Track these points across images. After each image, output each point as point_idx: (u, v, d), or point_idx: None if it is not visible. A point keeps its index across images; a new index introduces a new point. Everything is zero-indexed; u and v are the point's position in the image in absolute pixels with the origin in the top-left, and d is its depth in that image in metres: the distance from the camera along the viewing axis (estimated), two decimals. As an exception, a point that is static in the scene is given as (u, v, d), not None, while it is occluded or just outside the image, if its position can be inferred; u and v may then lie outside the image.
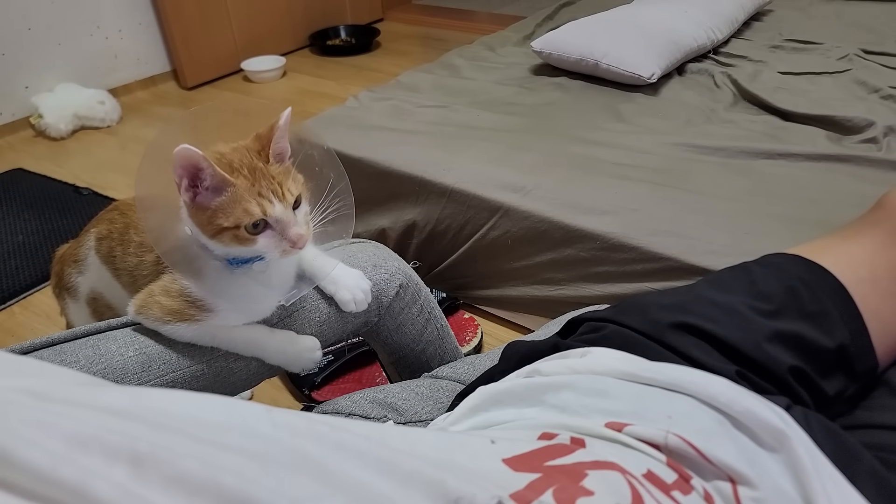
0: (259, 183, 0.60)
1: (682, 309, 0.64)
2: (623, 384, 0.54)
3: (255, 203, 0.59)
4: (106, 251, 0.78)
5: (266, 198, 0.60)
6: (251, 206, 0.59)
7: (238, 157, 0.62)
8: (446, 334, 0.95)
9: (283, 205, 0.60)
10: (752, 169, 1.26)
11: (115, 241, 0.76)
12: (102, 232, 0.79)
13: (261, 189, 0.60)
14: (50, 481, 0.23)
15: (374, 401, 0.73)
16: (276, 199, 0.60)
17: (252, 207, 0.59)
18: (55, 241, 1.79)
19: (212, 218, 0.60)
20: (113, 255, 0.77)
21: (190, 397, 0.31)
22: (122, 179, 2.14)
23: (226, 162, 0.61)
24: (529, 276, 1.27)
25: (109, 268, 0.79)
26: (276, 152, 0.63)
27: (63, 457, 0.23)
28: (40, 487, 0.22)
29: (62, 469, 0.23)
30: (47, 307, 1.57)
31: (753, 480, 0.45)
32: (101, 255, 0.79)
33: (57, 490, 0.22)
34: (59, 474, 0.23)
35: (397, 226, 1.41)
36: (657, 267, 1.08)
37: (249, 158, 0.62)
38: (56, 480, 0.23)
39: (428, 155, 1.36)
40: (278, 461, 0.29)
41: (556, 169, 1.28)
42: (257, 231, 0.61)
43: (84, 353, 0.70)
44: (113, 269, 0.78)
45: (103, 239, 0.79)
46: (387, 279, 0.85)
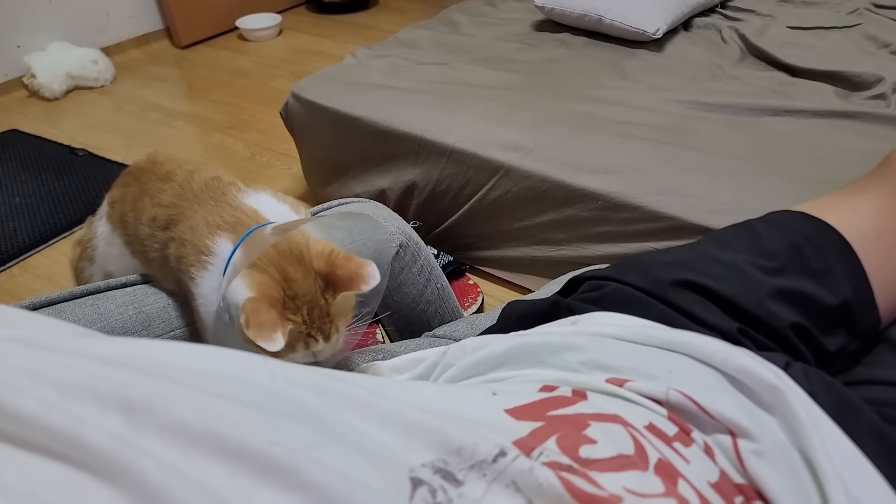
0: (313, 324, 0.57)
1: (684, 266, 0.63)
2: (622, 344, 0.54)
3: (302, 343, 0.57)
4: (118, 217, 0.75)
5: (314, 338, 0.57)
6: (297, 344, 0.57)
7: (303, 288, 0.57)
8: (447, 294, 0.95)
9: (328, 343, 0.58)
10: (758, 126, 1.24)
11: (127, 205, 0.73)
12: (116, 196, 0.76)
13: (311, 330, 0.57)
14: (40, 428, 0.22)
15: (372, 360, 0.73)
16: (323, 339, 0.58)
17: (298, 346, 0.57)
18: (52, 202, 1.78)
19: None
20: (125, 221, 0.74)
21: (186, 348, 0.30)
22: (117, 140, 2.11)
23: (290, 295, 0.57)
24: (530, 237, 1.26)
25: (121, 234, 0.76)
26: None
27: (53, 404, 0.23)
28: (30, 434, 0.22)
29: (52, 416, 0.22)
30: (47, 269, 1.57)
31: (753, 433, 0.45)
32: (114, 220, 0.76)
33: (47, 437, 0.22)
34: (49, 421, 0.22)
35: (397, 186, 1.39)
36: (660, 227, 1.07)
37: (314, 290, 0.57)
38: (46, 427, 0.22)
39: (427, 114, 1.33)
40: (276, 411, 0.29)
41: (558, 127, 1.26)
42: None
43: (83, 311, 0.70)
44: (125, 235, 0.75)
45: (116, 202, 0.75)
46: (386, 239, 0.84)
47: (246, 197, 0.66)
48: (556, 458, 0.36)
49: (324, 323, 0.57)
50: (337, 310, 0.58)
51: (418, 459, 0.30)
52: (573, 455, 0.37)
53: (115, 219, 0.76)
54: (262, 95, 2.40)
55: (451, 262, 1.34)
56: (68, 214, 1.73)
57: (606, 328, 0.56)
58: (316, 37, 2.97)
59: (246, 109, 2.31)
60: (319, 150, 1.51)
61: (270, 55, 2.80)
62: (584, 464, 0.37)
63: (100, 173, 1.91)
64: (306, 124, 1.49)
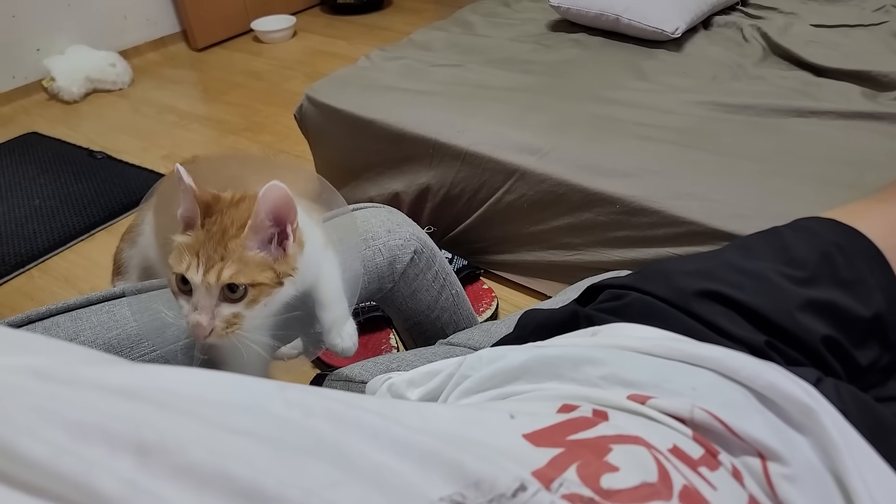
0: (207, 244, 0.55)
1: (708, 275, 0.61)
2: (643, 357, 0.52)
3: (187, 257, 0.55)
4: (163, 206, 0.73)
5: (199, 260, 0.54)
6: (183, 257, 0.55)
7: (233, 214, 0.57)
8: (461, 300, 0.94)
9: (203, 280, 0.54)
10: (782, 128, 1.21)
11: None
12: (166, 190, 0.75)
13: (201, 250, 0.55)
14: (51, 474, 0.21)
15: (387, 369, 0.72)
16: (202, 271, 0.54)
17: (183, 259, 0.55)
18: (71, 205, 1.79)
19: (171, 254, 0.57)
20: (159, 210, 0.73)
21: (201, 376, 0.29)
22: (135, 143, 2.13)
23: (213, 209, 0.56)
24: (546, 241, 1.24)
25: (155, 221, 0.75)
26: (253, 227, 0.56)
27: (65, 448, 0.22)
28: (42, 481, 0.21)
29: (64, 462, 0.22)
30: (66, 271, 1.58)
31: (784, 456, 0.43)
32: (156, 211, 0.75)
33: (59, 483, 0.21)
34: (61, 467, 0.21)
35: (411, 190, 1.38)
36: (680, 231, 1.05)
37: (231, 219, 0.56)
38: (58, 474, 0.21)
39: (442, 116, 1.32)
40: (292, 445, 0.27)
41: (575, 130, 1.24)
42: (185, 289, 0.56)
43: (99, 318, 0.70)
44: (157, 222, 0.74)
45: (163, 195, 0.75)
46: (401, 245, 0.83)
47: None
48: (577, 489, 0.34)
49: (214, 252, 0.54)
50: (234, 251, 0.54)
51: (436, 493, 0.29)
52: (594, 486, 0.35)
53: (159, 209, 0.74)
54: (277, 97, 2.40)
55: (465, 267, 1.33)
56: (87, 217, 1.74)
57: (627, 341, 0.54)
58: (330, 38, 2.97)
59: (260, 111, 2.31)
60: (333, 152, 1.51)
61: (285, 57, 2.80)
62: (605, 495, 0.35)
63: (117, 176, 1.92)
64: (320, 127, 1.48)
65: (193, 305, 0.55)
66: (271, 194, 0.54)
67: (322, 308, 0.69)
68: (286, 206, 0.56)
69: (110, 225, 1.70)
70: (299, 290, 0.65)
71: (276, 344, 0.72)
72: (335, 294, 0.70)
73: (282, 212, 0.56)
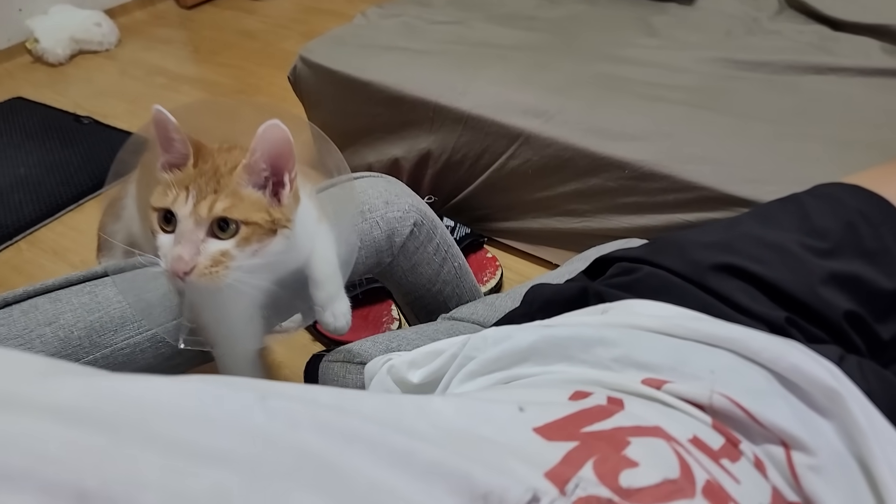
0: (199, 179, 0.51)
1: (726, 248, 0.58)
2: (658, 337, 0.49)
3: (174, 191, 0.50)
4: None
5: (189, 193, 0.50)
6: (170, 191, 0.51)
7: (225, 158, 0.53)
8: (464, 273, 0.90)
9: (192, 211, 0.50)
10: (799, 86, 1.15)
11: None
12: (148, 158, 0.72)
13: (191, 183, 0.51)
14: None
15: (387, 349, 0.69)
16: (192, 201, 0.50)
17: (169, 193, 0.51)
18: (58, 173, 1.74)
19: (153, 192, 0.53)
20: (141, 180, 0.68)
21: (167, 386, 0.25)
22: (123, 106, 2.06)
23: (208, 154, 0.53)
24: (552, 208, 1.20)
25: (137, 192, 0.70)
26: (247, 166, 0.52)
27: None
28: None
29: None
30: (54, 243, 1.53)
31: (809, 445, 0.40)
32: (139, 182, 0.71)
33: None
34: None
35: (411, 155, 1.33)
36: (691, 197, 1.00)
37: (224, 160, 0.52)
38: None
39: (442, 78, 1.26)
40: (272, 468, 0.24)
41: (582, 91, 1.18)
42: (167, 228, 0.52)
43: (80, 300, 0.66)
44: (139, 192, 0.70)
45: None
46: (400, 217, 0.78)
47: None
48: (594, 489, 0.31)
49: (206, 185, 0.50)
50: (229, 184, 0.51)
51: None
52: (613, 484, 0.32)
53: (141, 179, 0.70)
54: (271, 58, 2.31)
55: (468, 235, 1.28)
56: (74, 186, 1.69)
57: (641, 319, 0.51)
58: (325, -6, 2.86)
59: (254, 73, 2.23)
60: (330, 116, 1.45)
61: (279, 15, 2.70)
62: (625, 495, 0.32)
63: (105, 141, 1.86)
64: (316, 89, 1.42)
65: (176, 240, 0.51)
66: (270, 134, 0.50)
67: (315, 285, 0.66)
68: (286, 150, 0.51)
69: (99, 194, 1.65)
70: (290, 267, 0.61)
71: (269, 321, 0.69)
72: (329, 271, 0.67)
73: (280, 157, 0.52)
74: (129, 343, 0.66)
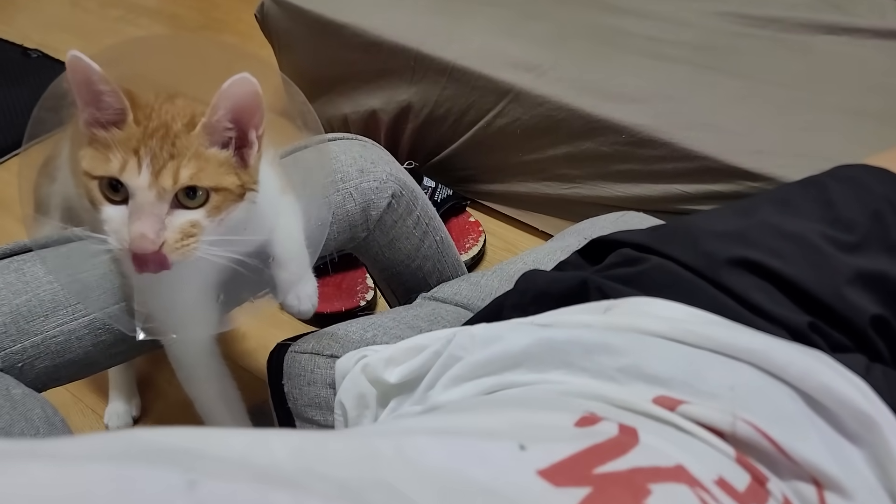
0: (149, 140, 0.43)
1: (743, 239, 0.53)
2: (669, 345, 0.43)
3: (121, 156, 0.43)
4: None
5: (139, 159, 0.43)
6: (114, 156, 0.43)
7: (168, 109, 0.45)
8: (446, 247, 0.83)
9: (152, 182, 0.43)
10: (811, 47, 1.07)
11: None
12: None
13: (141, 146, 0.43)
14: None
15: (361, 340, 0.62)
16: (149, 170, 0.43)
17: (113, 158, 0.43)
18: (2, 113, 1.59)
19: (83, 155, 0.45)
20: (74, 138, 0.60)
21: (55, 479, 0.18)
22: (74, 41, 1.88)
23: (147, 106, 0.45)
24: (541, 171, 1.12)
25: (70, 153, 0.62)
26: (208, 125, 0.45)
27: None
28: None
29: None
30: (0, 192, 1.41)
31: (845, 486, 0.36)
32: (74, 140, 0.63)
33: None
34: None
35: (390, 108, 1.23)
36: (692, 167, 0.93)
37: (171, 115, 0.45)
38: None
39: (425, 23, 1.14)
40: None
41: (578, 44, 1.09)
42: (115, 198, 0.44)
43: (5, 279, 0.58)
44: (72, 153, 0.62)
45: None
46: (376, 187, 0.70)
47: None
48: None
49: (160, 149, 0.43)
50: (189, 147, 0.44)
51: None
52: None
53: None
54: (239, -10, 2.13)
55: (450, 197, 1.20)
56: (20, 128, 1.52)
57: (649, 322, 0.46)
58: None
59: (220, 6, 2.05)
60: (301, 61, 1.33)
61: (246, -57, 2.48)
62: None
63: (54, 79, 1.70)
64: (286, 30, 1.29)
65: (132, 214, 0.43)
66: (238, 89, 0.44)
67: (278, 265, 0.58)
68: (253, 105, 0.45)
69: (46, 138, 1.51)
70: (249, 245, 0.53)
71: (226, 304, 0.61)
72: (294, 249, 0.59)
73: (247, 112, 0.45)
74: (63, 330, 0.58)
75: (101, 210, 0.44)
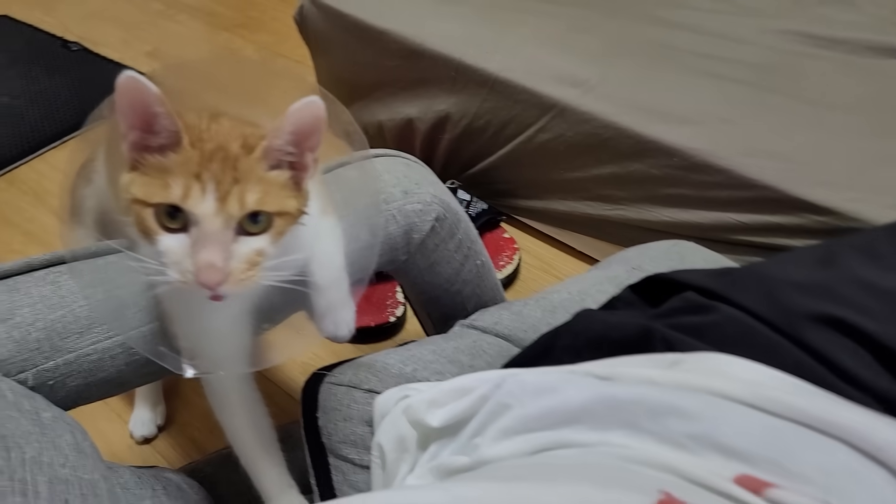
0: (209, 164, 0.41)
1: (827, 293, 0.48)
2: (749, 413, 0.39)
3: (182, 182, 0.40)
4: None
5: (201, 184, 0.40)
6: (174, 182, 0.40)
7: (218, 130, 0.43)
8: (487, 271, 0.79)
9: (219, 209, 0.40)
10: (882, 70, 1.00)
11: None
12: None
13: (202, 171, 0.40)
14: None
15: (400, 374, 0.58)
16: (214, 196, 0.40)
17: (174, 184, 0.40)
18: (42, 105, 1.60)
19: (132, 181, 0.42)
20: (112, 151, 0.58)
21: None
22: (116, 34, 1.89)
23: (196, 128, 0.42)
24: (583, 191, 1.08)
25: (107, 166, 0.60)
26: (270, 149, 0.43)
27: None
28: None
29: None
30: (35, 183, 1.41)
31: None
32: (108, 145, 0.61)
33: None
34: None
35: (427, 117, 1.19)
36: (749, 196, 0.88)
37: (229, 139, 0.42)
38: None
39: (468, 32, 1.11)
40: None
41: (629, 59, 1.04)
42: (172, 226, 0.41)
43: (41, 292, 0.56)
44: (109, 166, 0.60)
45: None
46: (420, 210, 0.67)
47: None
48: None
49: (223, 173, 0.41)
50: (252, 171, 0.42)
51: None
52: None
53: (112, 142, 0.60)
54: (278, -12, 2.11)
55: (485, 211, 1.16)
56: (59, 121, 1.54)
57: (724, 383, 0.41)
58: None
59: (258, 5, 2.04)
60: (338, 65, 1.30)
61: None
62: None
63: (94, 73, 1.70)
64: (324, 34, 1.26)
65: (196, 243, 0.41)
66: (307, 112, 0.42)
67: (316, 291, 0.55)
68: (317, 129, 0.44)
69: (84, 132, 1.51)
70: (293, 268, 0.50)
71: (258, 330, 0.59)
72: (333, 275, 0.56)
73: (308, 136, 0.44)
74: (97, 349, 0.56)
75: (158, 241, 0.41)
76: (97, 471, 0.50)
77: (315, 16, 1.25)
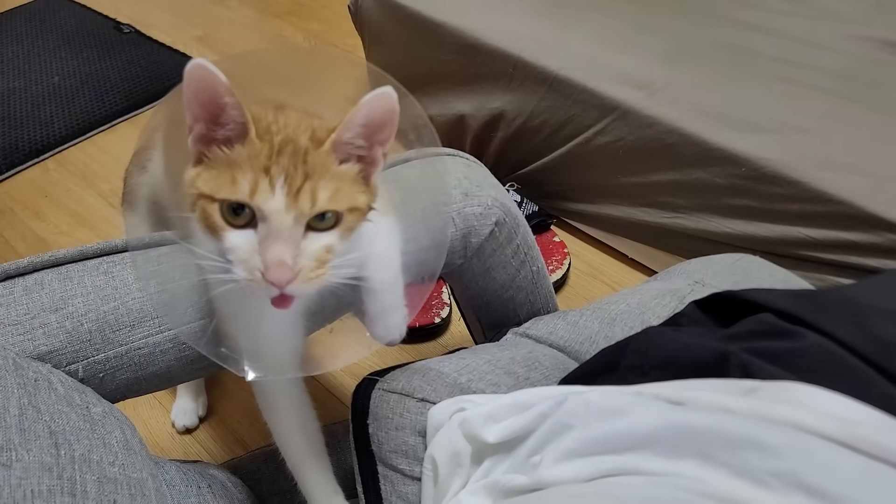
0: (278, 158, 0.39)
1: None
2: (839, 452, 0.36)
3: (250, 176, 0.38)
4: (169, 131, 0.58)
5: (270, 180, 0.38)
6: (242, 177, 0.38)
7: (285, 122, 0.41)
8: (541, 278, 0.76)
9: (289, 206, 0.38)
10: (972, 84, 0.94)
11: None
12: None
13: (272, 166, 0.39)
14: None
15: (455, 384, 0.56)
16: (283, 192, 0.38)
17: (241, 179, 0.38)
18: (93, 86, 1.61)
19: (198, 175, 0.41)
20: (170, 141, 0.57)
21: None
22: (167, 17, 1.90)
23: (263, 120, 0.41)
24: (640, 196, 1.03)
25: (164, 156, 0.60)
26: (339, 142, 0.41)
27: None
28: None
29: None
30: (83, 166, 1.43)
31: None
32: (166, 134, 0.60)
33: None
34: None
35: (480, 114, 1.16)
36: (822, 210, 0.83)
37: (297, 131, 0.41)
38: None
39: (529, 29, 1.07)
40: None
41: (697, 61, 0.99)
42: (238, 222, 0.40)
43: (94, 282, 0.55)
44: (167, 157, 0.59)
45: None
46: (480, 213, 0.64)
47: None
48: None
49: (293, 168, 0.39)
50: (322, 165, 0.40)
51: None
52: None
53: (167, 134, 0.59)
54: (330, -24, 2.10)
55: (535, 213, 1.13)
56: (109, 104, 1.56)
57: (810, 417, 0.38)
58: None
59: (310, -9, 2.03)
60: (391, 57, 1.28)
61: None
62: None
63: (145, 56, 1.71)
64: (378, 25, 1.24)
65: (267, 239, 0.39)
66: (380, 104, 0.40)
67: (369, 295, 0.53)
68: (389, 122, 0.41)
69: (133, 116, 1.52)
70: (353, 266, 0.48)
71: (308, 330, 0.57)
72: (388, 279, 0.54)
73: (379, 129, 0.42)
74: (148, 342, 0.55)
75: (224, 237, 0.40)
76: (145, 469, 0.48)
77: (370, 5, 1.23)
